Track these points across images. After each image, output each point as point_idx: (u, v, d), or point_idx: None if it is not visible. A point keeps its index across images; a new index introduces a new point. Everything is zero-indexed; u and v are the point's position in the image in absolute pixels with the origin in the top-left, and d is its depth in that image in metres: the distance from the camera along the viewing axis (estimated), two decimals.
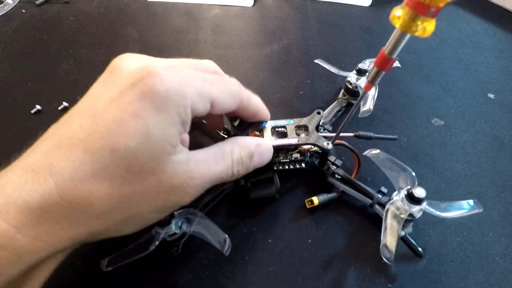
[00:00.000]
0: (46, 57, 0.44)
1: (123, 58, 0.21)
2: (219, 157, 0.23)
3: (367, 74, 0.36)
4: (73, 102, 0.38)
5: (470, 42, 0.49)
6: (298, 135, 0.29)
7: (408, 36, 0.17)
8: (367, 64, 0.36)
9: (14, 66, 0.43)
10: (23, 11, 0.52)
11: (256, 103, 0.27)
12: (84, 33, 0.48)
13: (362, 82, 0.35)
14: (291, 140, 0.28)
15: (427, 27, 0.16)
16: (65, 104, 0.38)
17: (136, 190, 0.20)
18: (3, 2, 0.52)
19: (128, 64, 0.21)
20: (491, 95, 0.41)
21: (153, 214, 0.22)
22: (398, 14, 0.16)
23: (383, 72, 0.20)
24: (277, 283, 0.26)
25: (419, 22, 0.16)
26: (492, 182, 0.32)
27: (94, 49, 0.46)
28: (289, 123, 0.29)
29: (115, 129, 0.18)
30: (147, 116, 0.19)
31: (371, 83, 0.21)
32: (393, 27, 0.18)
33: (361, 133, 0.30)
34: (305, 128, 0.30)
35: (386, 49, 0.19)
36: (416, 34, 0.16)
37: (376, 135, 0.30)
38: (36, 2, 0.53)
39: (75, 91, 0.40)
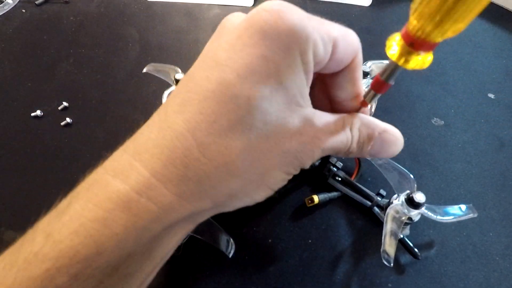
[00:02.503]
0: (46, 57, 0.44)
1: (233, 14, 0.19)
2: (340, 127, 0.20)
3: (369, 76, 0.36)
4: (73, 102, 0.39)
5: (470, 42, 0.49)
6: None
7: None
8: (369, 66, 0.36)
9: (14, 66, 0.43)
10: (23, 11, 0.52)
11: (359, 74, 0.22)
12: (84, 33, 0.48)
13: (365, 83, 0.35)
14: None
15: (424, 60, 0.15)
16: (65, 104, 0.38)
17: (271, 144, 0.17)
18: (3, 2, 0.52)
19: (240, 16, 0.19)
20: (491, 95, 0.41)
21: (281, 176, 0.19)
22: (394, 51, 0.15)
23: (379, 94, 0.19)
24: (277, 283, 0.26)
25: (415, 56, 0.15)
26: (492, 182, 0.32)
27: (94, 49, 0.46)
28: None
29: (245, 74, 0.16)
30: (275, 57, 0.16)
31: (366, 101, 0.20)
32: (394, 28, 0.17)
33: None
34: None
35: (382, 75, 0.18)
36: (414, 68, 0.15)
37: None
38: (36, 2, 0.52)
39: (75, 91, 0.40)
